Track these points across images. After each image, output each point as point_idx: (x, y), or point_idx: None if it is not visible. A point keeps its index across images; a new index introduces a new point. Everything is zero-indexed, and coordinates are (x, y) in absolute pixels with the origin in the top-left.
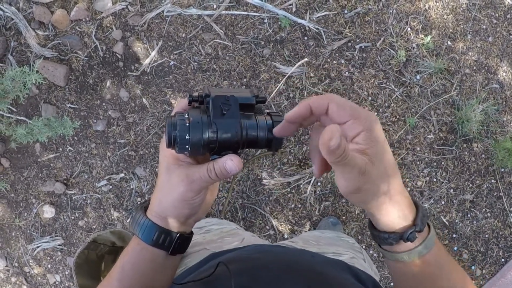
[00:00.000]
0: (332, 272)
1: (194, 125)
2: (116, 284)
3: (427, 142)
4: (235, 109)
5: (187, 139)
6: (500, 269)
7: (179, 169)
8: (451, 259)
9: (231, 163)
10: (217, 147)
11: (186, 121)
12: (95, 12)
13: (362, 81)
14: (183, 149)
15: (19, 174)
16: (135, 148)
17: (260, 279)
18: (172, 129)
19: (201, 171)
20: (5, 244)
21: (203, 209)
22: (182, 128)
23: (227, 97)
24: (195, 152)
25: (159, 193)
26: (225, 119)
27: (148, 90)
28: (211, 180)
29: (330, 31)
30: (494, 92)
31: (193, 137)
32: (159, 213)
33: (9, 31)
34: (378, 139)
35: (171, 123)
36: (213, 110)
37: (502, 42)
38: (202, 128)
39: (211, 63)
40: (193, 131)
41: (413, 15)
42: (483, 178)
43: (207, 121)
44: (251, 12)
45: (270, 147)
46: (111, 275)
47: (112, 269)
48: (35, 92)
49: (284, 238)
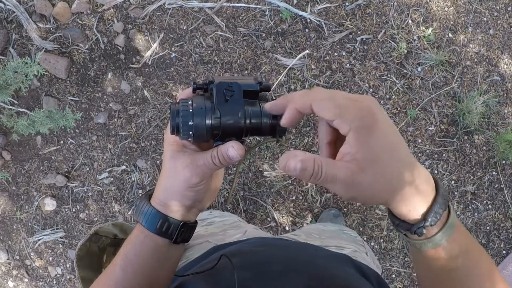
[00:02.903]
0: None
1: (197, 111)
2: (119, 271)
3: (428, 134)
4: (239, 96)
5: (190, 125)
6: (502, 261)
7: (183, 155)
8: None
9: (232, 150)
10: (220, 133)
11: (189, 107)
12: (96, 5)
13: (363, 73)
14: (187, 135)
15: (20, 167)
16: (137, 141)
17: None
18: (175, 115)
19: (206, 157)
20: (7, 237)
21: (207, 197)
22: (185, 114)
23: (230, 84)
24: (198, 138)
25: (164, 180)
26: (228, 105)
27: (149, 83)
28: (215, 167)
29: (331, 23)
30: (495, 84)
31: (197, 123)
32: (163, 201)
33: (10, 24)
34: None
35: (175, 109)
36: (216, 96)
37: (503, 35)
38: (205, 114)
39: (212, 55)
40: (196, 117)
41: (414, 8)
42: (484, 170)
43: (211, 107)
44: (252, 5)
45: (274, 134)
46: (114, 262)
47: (115, 256)
48: (37, 84)
49: (285, 230)
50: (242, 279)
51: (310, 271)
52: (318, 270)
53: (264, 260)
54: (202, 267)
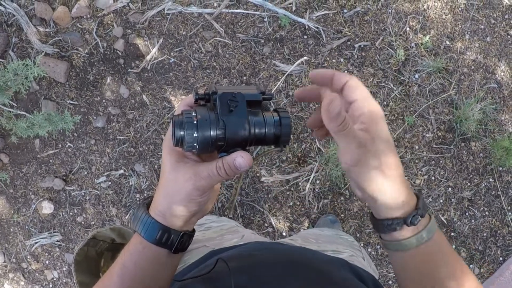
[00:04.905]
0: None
1: (202, 122)
2: (117, 280)
3: (425, 140)
4: (243, 106)
5: (195, 137)
6: (498, 267)
7: (185, 167)
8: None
9: (241, 159)
10: (225, 144)
11: (193, 119)
12: (96, 9)
13: (361, 80)
14: (191, 147)
15: (18, 169)
16: (135, 145)
17: (260, 277)
18: (179, 127)
19: (210, 169)
20: (3, 240)
21: (207, 206)
22: (190, 126)
23: (234, 94)
24: (203, 150)
25: (164, 191)
26: (233, 116)
27: (148, 87)
28: (220, 178)
29: (329, 30)
30: (492, 91)
31: (201, 135)
32: (163, 212)
33: (10, 27)
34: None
35: (178, 121)
36: (220, 107)
37: (500, 42)
38: (210, 125)
39: (211, 60)
40: (201, 129)
41: (412, 15)
42: (481, 177)
43: (215, 119)
44: (251, 11)
45: (278, 144)
46: (112, 270)
47: (113, 264)
48: (36, 88)
49: (282, 235)
50: (239, 283)
51: (307, 275)
52: (315, 274)
53: (261, 264)
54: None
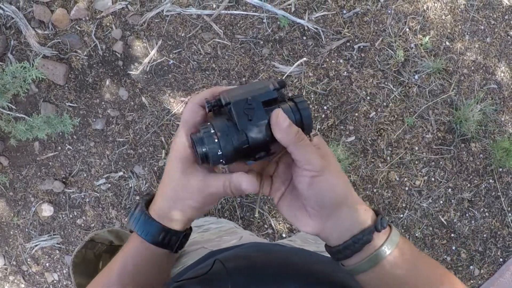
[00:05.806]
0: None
1: (223, 138)
2: (115, 277)
3: (425, 141)
4: (260, 111)
5: (220, 155)
6: (499, 268)
7: (196, 174)
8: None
9: (246, 183)
10: (250, 152)
11: (214, 137)
12: (95, 11)
13: (360, 81)
14: (218, 163)
15: (18, 172)
16: (134, 147)
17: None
18: (200, 143)
19: (218, 186)
20: (3, 243)
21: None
22: (210, 142)
23: (248, 101)
24: (230, 161)
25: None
26: (253, 125)
27: (147, 89)
28: (227, 195)
29: (328, 31)
30: (492, 92)
31: (225, 150)
32: (165, 212)
33: (9, 29)
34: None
35: (198, 138)
36: (238, 118)
37: (500, 43)
38: (232, 139)
39: (210, 62)
40: (224, 143)
41: (411, 16)
42: (481, 178)
43: (234, 130)
44: (250, 12)
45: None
46: (111, 267)
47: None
48: (35, 90)
49: (282, 237)
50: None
51: (305, 276)
52: (313, 274)
53: (259, 265)
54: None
